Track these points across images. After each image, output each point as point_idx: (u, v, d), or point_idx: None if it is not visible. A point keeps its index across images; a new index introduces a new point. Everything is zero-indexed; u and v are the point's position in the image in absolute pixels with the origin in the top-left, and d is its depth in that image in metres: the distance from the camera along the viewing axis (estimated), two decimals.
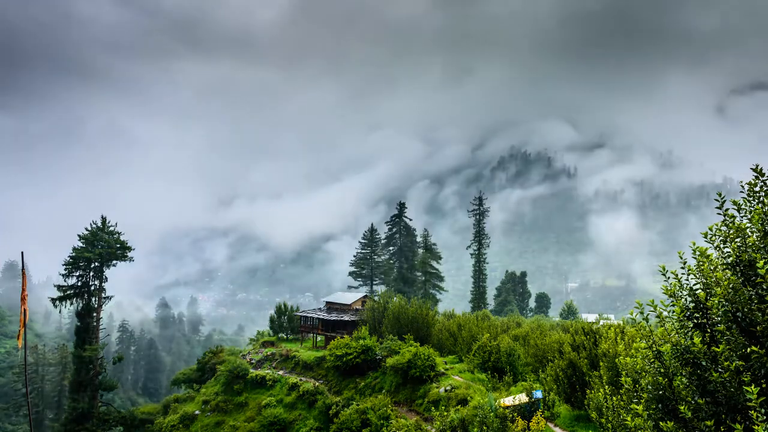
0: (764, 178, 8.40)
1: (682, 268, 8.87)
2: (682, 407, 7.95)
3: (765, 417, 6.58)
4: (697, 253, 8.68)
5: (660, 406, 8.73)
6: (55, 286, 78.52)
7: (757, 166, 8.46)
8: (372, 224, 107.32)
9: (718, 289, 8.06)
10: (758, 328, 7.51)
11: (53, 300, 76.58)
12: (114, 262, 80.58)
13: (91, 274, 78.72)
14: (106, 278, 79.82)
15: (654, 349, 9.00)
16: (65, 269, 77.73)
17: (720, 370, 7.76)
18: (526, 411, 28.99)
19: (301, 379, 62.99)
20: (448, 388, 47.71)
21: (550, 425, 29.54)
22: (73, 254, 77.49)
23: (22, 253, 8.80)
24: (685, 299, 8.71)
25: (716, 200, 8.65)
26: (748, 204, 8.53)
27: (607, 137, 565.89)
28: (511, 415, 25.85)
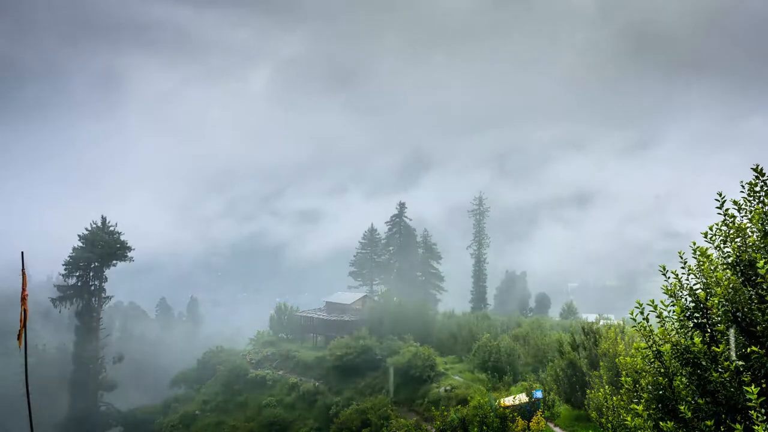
0: (764, 178, 8.39)
1: (683, 267, 8.87)
2: (682, 407, 7.94)
3: (765, 417, 6.58)
4: (698, 252, 8.68)
5: (660, 406, 8.72)
6: (55, 286, 78.56)
7: (758, 165, 8.46)
8: (372, 224, 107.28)
9: (718, 289, 8.05)
10: (758, 328, 7.51)
11: (53, 300, 76.58)
12: (114, 262, 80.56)
13: (91, 274, 78.73)
14: (106, 278, 79.82)
15: (654, 349, 8.99)
16: (65, 269, 77.73)
17: (720, 370, 7.75)
18: (526, 411, 29.00)
19: (301, 379, 62.99)
20: (448, 388, 47.74)
21: (550, 425, 29.55)
22: (73, 254, 77.49)
23: (22, 253, 8.76)
24: (685, 299, 8.70)
25: (716, 200, 8.65)
26: (748, 204, 8.53)
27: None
28: (511, 415, 25.83)
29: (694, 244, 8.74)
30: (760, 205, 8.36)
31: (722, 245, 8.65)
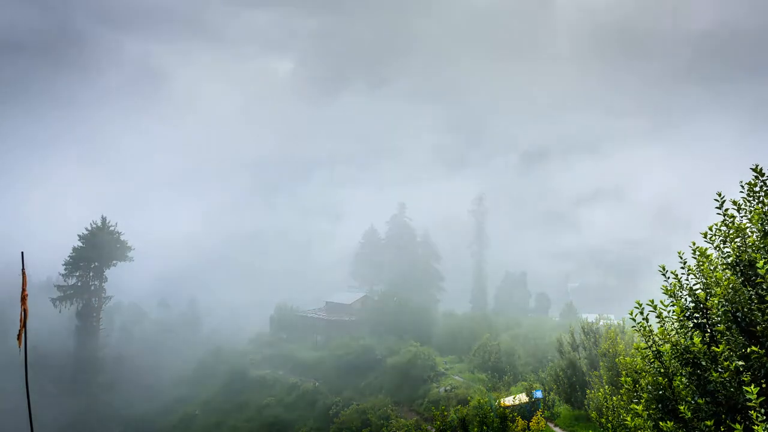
0: (764, 178, 8.40)
1: (682, 267, 8.87)
2: (682, 407, 7.94)
3: (765, 417, 6.58)
4: (697, 253, 8.68)
5: (660, 406, 8.72)
6: (55, 286, 78.59)
7: (757, 166, 8.46)
8: (372, 224, 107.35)
9: (718, 289, 8.05)
10: (758, 328, 7.51)
11: (53, 300, 76.61)
12: (114, 262, 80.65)
13: (91, 274, 78.80)
14: (106, 278, 79.91)
15: (654, 349, 9.00)
16: (65, 269, 77.80)
17: (720, 370, 7.76)
18: (526, 411, 29.02)
19: (301, 379, 62.99)
20: (448, 388, 47.76)
21: (550, 425, 29.55)
22: (73, 254, 77.55)
23: (22, 253, 8.76)
24: (685, 299, 8.70)
25: (716, 200, 8.66)
26: (748, 204, 8.53)
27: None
28: (511, 415, 25.83)
29: (694, 244, 8.75)
30: (760, 205, 8.36)
31: (722, 245, 8.66)
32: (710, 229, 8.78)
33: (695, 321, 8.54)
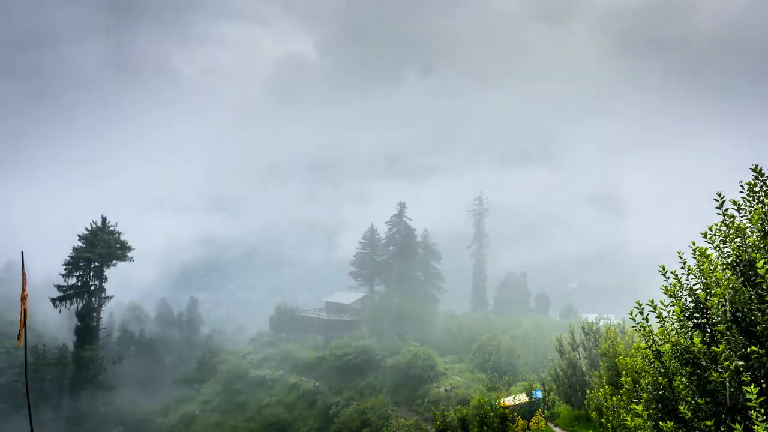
0: (764, 178, 8.40)
1: (682, 268, 8.87)
2: (682, 407, 7.94)
3: (765, 417, 6.58)
4: (697, 253, 8.68)
5: (660, 406, 8.73)
6: (55, 286, 78.48)
7: (757, 166, 8.46)
8: (372, 224, 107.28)
9: (718, 289, 8.05)
10: (758, 328, 7.51)
11: (53, 300, 76.56)
12: (114, 262, 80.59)
13: (91, 274, 78.74)
14: (106, 278, 79.84)
15: (654, 349, 9.00)
16: (65, 269, 77.73)
17: (720, 370, 7.76)
18: (526, 411, 29.01)
19: (301, 379, 63.00)
20: (448, 388, 47.78)
21: (550, 425, 29.54)
22: (73, 254, 77.50)
23: (22, 253, 8.76)
24: (685, 299, 8.70)
25: (716, 200, 8.66)
26: (748, 204, 8.53)
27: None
28: (511, 415, 25.82)
29: (694, 244, 8.75)
30: (760, 205, 8.37)
31: (722, 245, 8.66)
32: (710, 229, 8.78)
33: (695, 321, 8.54)
